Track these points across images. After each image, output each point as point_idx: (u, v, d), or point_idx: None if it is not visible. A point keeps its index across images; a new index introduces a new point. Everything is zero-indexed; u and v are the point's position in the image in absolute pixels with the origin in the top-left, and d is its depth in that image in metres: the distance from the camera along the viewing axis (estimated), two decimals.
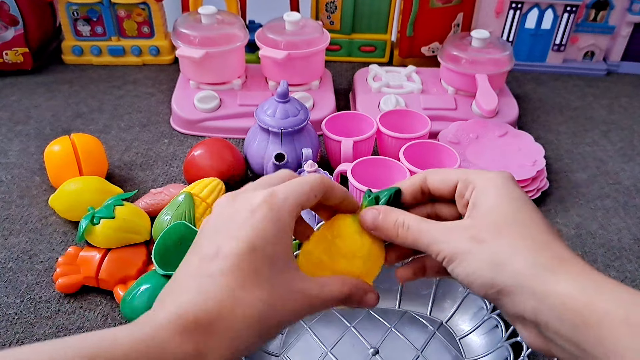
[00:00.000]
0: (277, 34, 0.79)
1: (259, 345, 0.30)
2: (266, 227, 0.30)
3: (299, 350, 0.52)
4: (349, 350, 0.52)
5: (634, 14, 0.96)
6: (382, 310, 0.56)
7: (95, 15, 0.94)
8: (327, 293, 0.32)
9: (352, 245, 0.38)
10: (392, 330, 0.53)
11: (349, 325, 0.54)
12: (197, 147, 0.68)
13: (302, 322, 0.54)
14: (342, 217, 0.39)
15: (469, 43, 0.82)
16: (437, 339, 0.53)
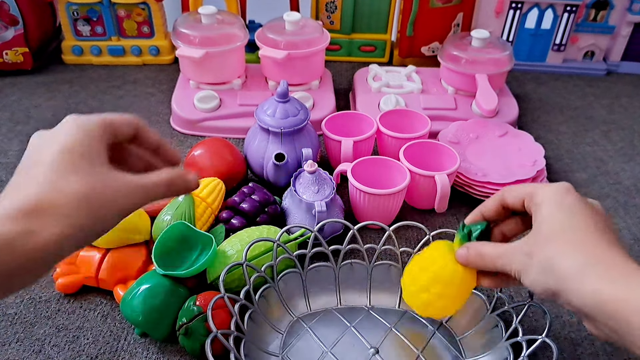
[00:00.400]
0: (277, 34, 0.79)
1: (96, 226, 0.34)
2: (74, 133, 0.35)
3: (299, 350, 0.51)
4: (349, 350, 0.52)
5: (634, 14, 0.96)
6: (383, 310, 0.56)
7: (95, 15, 0.94)
8: (147, 180, 0.36)
9: (449, 273, 0.46)
10: (392, 330, 0.53)
11: (348, 325, 0.54)
12: (197, 147, 0.68)
13: (302, 322, 0.54)
14: (438, 246, 0.48)
15: (469, 43, 0.82)
16: (437, 339, 0.53)
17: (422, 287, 0.48)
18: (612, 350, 0.53)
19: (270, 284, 0.54)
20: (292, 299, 0.56)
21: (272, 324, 0.53)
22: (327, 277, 0.57)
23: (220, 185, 0.64)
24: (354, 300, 0.57)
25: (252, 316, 0.51)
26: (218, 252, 0.55)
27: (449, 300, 0.48)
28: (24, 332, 0.53)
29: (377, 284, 0.58)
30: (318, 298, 0.56)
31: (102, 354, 0.51)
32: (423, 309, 0.49)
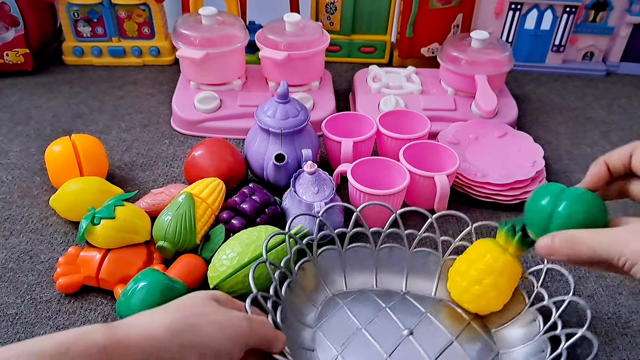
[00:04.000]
0: (277, 35, 0.80)
1: None
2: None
3: (333, 324, 0.52)
4: (383, 329, 0.52)
5: (633, 15, 0.96)
6: (418, 296, 0.56)
7: (96, 16, 0.94)
8: None
9: (500, 264, 0.50)
10: (427, 316, 0.54)
11: (384, 306, 0.54)
12: (198, 148, 0.68)
13: (338, 299, 0.55)
14: (484, 242, 0.53)
15: (468, 44, 0.83)
16: (471, 329, 0.53)
17: (474, 280, 0.52)
18: (611, 350, 0.54)
19: (309, 258, 0.55)
20: (330, 275, 0.57)
21: (309, 297, 0.54)
22: (365, 259, 0.58)
23: (221, 186, 0.64)
24: (390, 283, 0.58)
25: (290, 286, 0.52)
26: (216, 255, 0.55)
27: (501, 291, 0.52)
28: (25, 332, 0.53)
29: (415, 270, 0.58)
30: (355, 278, 0.57)
31: None
32: (474, 302, 0.53)
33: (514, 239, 0.51)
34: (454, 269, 0.55)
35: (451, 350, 0.51)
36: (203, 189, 0.62)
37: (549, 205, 0.42)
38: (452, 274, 0.55)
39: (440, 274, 0.58)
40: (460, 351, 0.51)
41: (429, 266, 0.58)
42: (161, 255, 0.59)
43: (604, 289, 0.60)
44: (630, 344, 0.54)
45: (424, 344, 0.51)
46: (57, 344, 0.32)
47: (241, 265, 0.53)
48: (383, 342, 0.51)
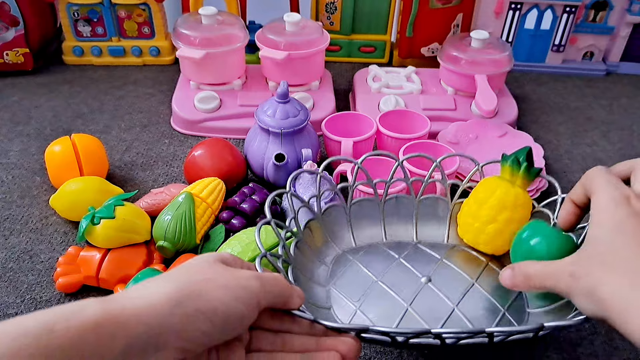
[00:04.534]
0: (277, 35, 0.80)
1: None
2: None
3: (347, 281, 0.51)
4: (399, 279, 0.51)
5: (633, 15, 0.96)
6: (430, 244, 0.55)
7: (96, 16, 0.94)
8: None
9: (512, 197, 0.49)
10: (443, 261, 0.52)
11: (396, 257, 0.53)
12: (198, 148, 0.68)
13: (349, 255, 0.54)
14: (488, 180, 0.52)
15: (468, 43, 0.83)
16: (490, 270, 0.52)
17: (487, 219, 0.51)
18: (611, 350, 0.54)
19: (314, 216, 0.54)
20: (337, 233, 0.55)
21: (318, 256, 0.52)
22: (371, 212, 0.56)
23: (221, 186, 0.64)
24: (400, 235, 0.56)
25: (298, 246, 0.50)
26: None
27: (517, 224, 0.50)
28: None
29: (424, 218, 0.57)
30: (363, 233, 0.56)
31: None
32: (491, 243, 0.51)
33: (519, 170, 0.50)
34: (463, 213, 0.54)
35: (473, 292, 0.50)
36: (203, 188, 0.62)
37: (525, 237, 0.47)
38: (462, 218, 0.54)
39: (450, 219, 0.56)
40: (482, 293, 0.49)
41: (438, 213, 0.57)
42: (161, 255, 0.59)
43: None
44: (630, 344, 0.54)
45: (444, 290, 0.49)
46: (43, 322, 0.28)
47: None
48: (401, 292, 0.49)
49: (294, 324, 0.39)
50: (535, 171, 0.51)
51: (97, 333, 0.28)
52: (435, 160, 0.56)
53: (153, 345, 0.30)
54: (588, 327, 0.55)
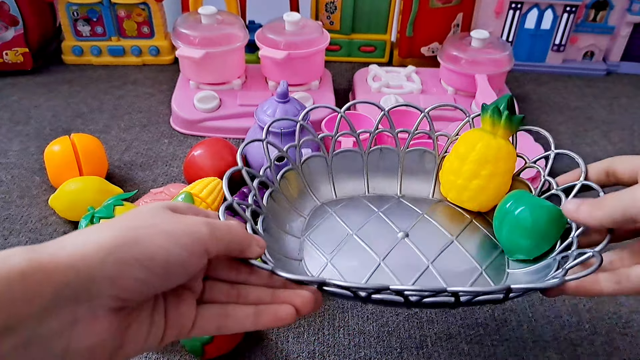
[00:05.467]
0: (277, 34, 0.80)
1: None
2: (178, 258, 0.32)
3: (322, 232, 0.49)
4: (376, 233, 0.49)
5: (634, 14, 0.96)
6: (415, 199, 0.53)
7: (95, 16, 0.94)
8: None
9: (494, 150, 0.48)
10: (425, 217, 0.50)
11: (376, 211, 0.51)
12: (197, 147, 0.68)
13: (327, 207, 0.52)
14: (470, 134, 0.50)
15: (468, 43, 0.83)
16: (473, 227, 0.50)
17: (470, 175, 0.49)
18: (611, 350, 0.54)
19: (292, 166, 0.52)
20: (316, 184, 0.53)
21: (294, 207, 0.50)
22: (354, 164, 0.54)
23: (220, 185, 0.64)
24: (383, 188, 0.54)
25: (273, 196, 0.48)
26: None
27: (502, 178, 0.49)
28: None
29: (410, 172, 0.55)
30: (344, 185, 0.54)
31: None
32: (475, 199, 0.50)
33: (500, 120, 0.48)
34: (445, 170, 0.52)
35: (451, 250, 0.47)
36: (202, 188, 0.62)
37: (510, 206, 0.46)
38: (444, 175, 0.52)
39: (437, 173, 0.54)
40: (461, 251, 0.47)
41: (425, 166, 0.54)
42: None
43: None
44: (630, 344, 0.54)
45: (421, 246, 0.47)
46: None
47: None
48: (376, 247, 0.47)
49: (251, 276, 0.37)
50: (517, 119, 0.49)
51: (23, 282, 0.26)
52: (423, 111, 0.53)
53: (85, 293, 0.28)
54: (588, 327, 0.55)
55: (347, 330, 0.54)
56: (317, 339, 0.53)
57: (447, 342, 0.54)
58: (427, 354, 0.52)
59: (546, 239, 0.45)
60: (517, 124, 0.49)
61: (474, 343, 0.54)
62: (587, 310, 0.57)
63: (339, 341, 0.53)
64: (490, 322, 0.56)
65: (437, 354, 0.52)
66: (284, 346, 0.52)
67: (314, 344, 0.53)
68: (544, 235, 0.45)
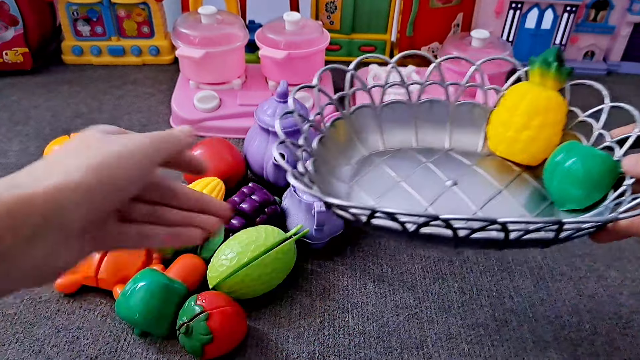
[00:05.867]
0: (277, 34, 0.79)
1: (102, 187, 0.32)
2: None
3: (370, 180, 0.49)
4: (424, 181, 0.48)
5: (634, 14, 0.96)
6: (463, 152, 0.52)
7: (95, 15, 0.94)
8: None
9: (544, 100, 0.47)
10: (473, 168, 0.50)
11: (424, 161, 0.51)
12: (197, 147, 0.68)
13: (375, 158, 0.52)
14: (518, 87, 0.50)
15: (468, 43, 0.82)
16: (522, 179, 0.49)
17: (521, 126, 0.48)
18: (611, 350, 0.53)
19: (342, 115, 0.52)
20: (365, 134, 0.53)
21: (343, 153, 0.50)
22: (403, 116, 0.54)
23: (220, 185, 0.64)
24: (432, 141, 0.53)
25: (322, 141, 0.49)
26: (216, 255, 0.55)
27: (552, 129, 0.48)
28: (24, 332, 0.53)
29: (459, 125, 0.54)
30: (393, 137, 0.53)
31: (101, 354, 0.51)
32: (526, 151, 0.49)
33: (550, 70, 0.48)
34: (493, 123, 0.51)
35: (500, 199, 0.47)
36: (202, 188, 0.62)
37: (561, 158, 0.45)
38: (492, 128, 0.51)
39: (487, 127, 0.53)
40: (510, 200, 0.47)
41: (475, 120, 0.54)
42: (160, 255, 0.59)
43: (605, 289, 0.60)
44: (631, 344, 0.54)
45: (469, 194, 0.47)
46: None
47: (241, 266, 0.53)
48: (424, 194, 0.47)
49: (173, 199, 0.39)
50: (567, 70, 0.48)
51: (10, 214, 0.28)
52: (475, 63, 0.53)
53: (59, 222, 0.30)
54: (589, 328, 0.55)
55: (347, 330, 0.54)
56: (317, 339, 0.53)
57: (448, 342, 0.54)
58: (427, 355, 0.52)
59: (598, 188, 0.44)
60: (566, 75, 0.49)
61: (474, 343, 0.54)
62: (588, 310, 0.57)
63: (339, 341, 0.53)
64: (490, 323, 0.56)
65: (437, 355, 0.52)
66: (284, 346, 0.52)
67: (314, 344, 0.53)
68: (596, 184, 0.44)
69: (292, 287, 0.58)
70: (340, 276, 0.60)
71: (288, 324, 0.55)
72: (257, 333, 0.53)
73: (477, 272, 0.60)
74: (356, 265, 0.61)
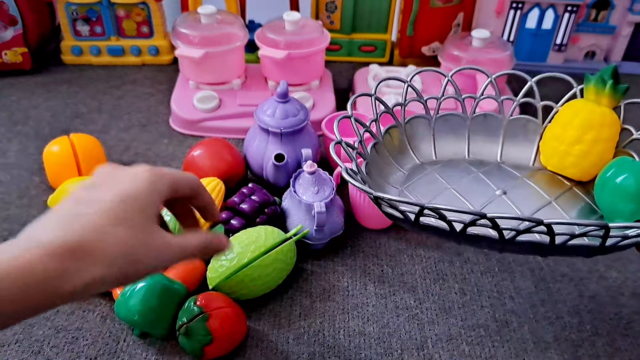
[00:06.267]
0: (276, 34, 0.79)
1: (129, 278, 0.33)
2: (144, 186, 0.34)
3: (420, 186, 0.50)
4: (473, 189, 0.49)
5: (635, 14, 0.96)
6: (515, 165, 0.53)
7: (95, 15, 0.94)
8: (187, 243, 0.36)
9: (598, 116, 0.48)
10: (524, 180, 0.50)
11: (475, 171, 0.52)
12: (197, 147, 0.68)
13: (427, 166, 0.53)
14: (573, 103, 0.51)
15: (469, 43, 0.82)
16: (572, 193, 0.50)
17: (574, 140, 0.49)
18: (612, 351, 0.53)
19: (397, 124, 0.53)
20: (418, 144, 0.54)
21: (395, 161, 0.52)
22: (457, 127, 0.55)
23: (220, 186, 0.63)
24: (484, 153, 0.55)
25: (376, 147, 0.50)
26: (215, 256, 0.55)
27: (605, 145, 0.48)
28: (23, 333, 0.52)
29: (512, 139, 0.55)
30: (445, 147, 0.55)
31: (101, 355, 0.51)
32: (578, 165, 0.49)
33: (605, 88, 0.48)
34: (547, 138, 0.52)
35: (549, 210, 0.47)
36: None
37: (612, 173, 0.46)
38: (545, 142, 0.52)
39: (540, 142, 0.54)
40: (558, 212, 0.47)
41: (528, 134, 0.55)
42: None
43: (606, 290, 0.59)
44: (632, 344, 0.54)
45: (518, 203, 0.47)
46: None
47: (240, 266, 0.53)
48: (473, 201, 0.48)
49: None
50: (622, 88, 0.49)
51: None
52: (530, 80, 0.54)
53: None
54: (590, 329, 0.55)
55: (348, 331, 0.54)
56: (317, 340, 0.53)
57: (448, 343, 0.53)
58: (427, 356, 0.52)
59: None
60: (622, 93, 0.49)
61: (474, 344, 0.53)
62: (589, 311, 0.57)
63: (339, 342, 0.53)
64: (491, 324, 0.55)
65: (437, 355, 0.52)
66: (284, 347, 0.52)
67: (314, 345, 0.52)
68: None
69: (292, 288, 0.58)
70: (341, 277, 0.60)
71: (288, 324, 0.54)
72: (257, 334, 0.53)
73: (477, 273, 0.60)
74: (356, 266, 0.61)
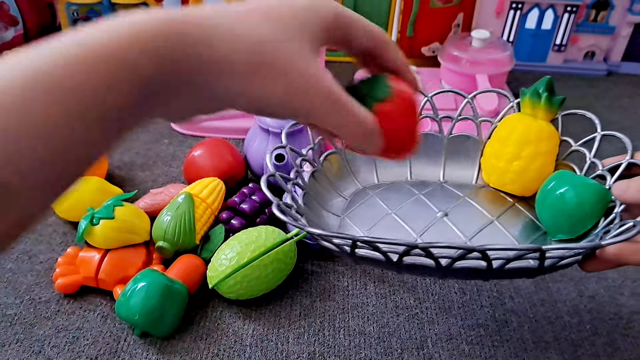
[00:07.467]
0: None
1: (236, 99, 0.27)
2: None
3: (362, 212, 0.50)
4: (415, 213, 0.49)
5: (635, 14, 0.96)
6: (457, 184, 0.53)
7: (95, 16, 0.94)
8: (361, 110, 0.29)
9: (535, 130, 0.47)
10: (466, 199, 0.50)
11: (417, 193, 0.51)
12: (197, 148, 0.68)
13: (369, 190, 0.53)
14: (510, 118, 0.50)
15: (469, 43, 0.82)
16: (515, 210, 0.49)
17: (512, 156, 0.48)
18: (612, 351, 0.53)
19: (336, 149, 0.53)
20: (359, 169, 0.54)
21: (335, 188, 0.51)
22: None
23: (220, 186, 0.63)
24: (426, 174, 0.54)
25: (315, 176, 0.49)
26: (216, 255, 0.55)
27: (544, 159, 0.48)
28: (24, 332, 0.53)
29: (453, 158, 0.55)
30: (387, 171, 0.54)
31: (101, 355, 0.51)
32: (517, 181, 0.49)
33: (540, 101, 0.48)
34: (486, 155, 0.52)
35: (491, 229, 0.47)
36: (202, 188, 0.62)
37: (552, 186, 0.45)
38: (485, 160, 0.52)
39: (481, 159, 0.54)
40: (501, 231, 0.47)
41: (469, 152, 0.54)
42: (160, 256, 0.59)
43: (605, 290, 0.60)
44: (632, 344, 0.54)
45: (460, 225, 0.47)
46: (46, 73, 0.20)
47: (240, 266, 0.53)
48: (414, 225, 0.47)
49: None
50: (558, 100, 0.49)
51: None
52: (467, 96, 0.53)
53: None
54: (589, 328, 0.55)
55: (348, 331, 0.54)
56: (317, 339, 0.53)
57: (448, 342, 0.53)
58: (427, 355, 0.52)
59: (589, 217, 0.44)
60: (558, 105, 0.49)
61: (474, 344, 0.53)
62: (588, 311, 0.57)
63: (340, 342, 0.53)
64: (491, 323, 0.55)
65: (437, 355, 0.52)
66: (284, 347, 0.52)
67: (314, 345, 0.53)
68: (587, 213, 0.44)
69: (292, 288, 0.58)
70: (341, 277, 0.60)
71: (288, 324, 0.55)
72: (257, 333, 0.53)
73: None
74: (356, 265, 0.61)
